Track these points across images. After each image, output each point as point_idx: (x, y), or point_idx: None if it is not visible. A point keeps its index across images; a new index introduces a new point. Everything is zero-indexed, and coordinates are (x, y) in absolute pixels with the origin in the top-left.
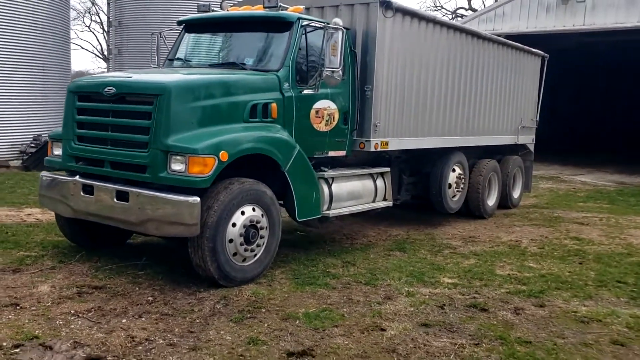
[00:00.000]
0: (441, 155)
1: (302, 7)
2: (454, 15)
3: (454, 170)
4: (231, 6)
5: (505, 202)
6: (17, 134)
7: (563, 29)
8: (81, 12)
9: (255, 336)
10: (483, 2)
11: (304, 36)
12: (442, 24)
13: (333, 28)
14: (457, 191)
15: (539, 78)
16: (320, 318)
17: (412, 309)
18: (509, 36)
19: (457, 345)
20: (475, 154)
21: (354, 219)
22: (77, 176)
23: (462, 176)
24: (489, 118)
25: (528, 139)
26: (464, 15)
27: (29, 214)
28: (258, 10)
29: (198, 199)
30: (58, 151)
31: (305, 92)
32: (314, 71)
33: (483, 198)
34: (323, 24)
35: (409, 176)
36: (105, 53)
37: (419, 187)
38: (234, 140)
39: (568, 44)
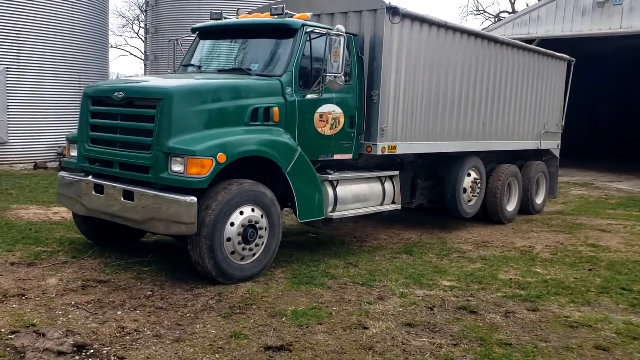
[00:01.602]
0: (456, 160)
1: (309, 14)
2: (496, 19)
3: (469, 175)
4: (246, 14)
5: (527, 207)
6: (55, 137)
7: (599, 32)
8: (130, 20)
9: (239, 330)
10: (527, 5)
11: (308, 42)
12: (454, 29)
13: (335, 34)
14: (473, 196)
15: (565, 82)
16: (307, 315)
17: (400, 309)
18: (543, 40)
19: (435, 345)
20: (495, 159)
21: (368, 221)
22: (90, 176)
23: (477, 181)
24: (508, 123)
25: (552, 144)
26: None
27: (56, 212)
28: (265, 17)
29: (195, 198)
30: (74, 152)
31: (309, 96)
32: (318, 76)
33: (501, 203)
34: (325, 31)
35: (425, 180)
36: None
37: (434, 191)
38: (233, 142)
39: (606, 47)
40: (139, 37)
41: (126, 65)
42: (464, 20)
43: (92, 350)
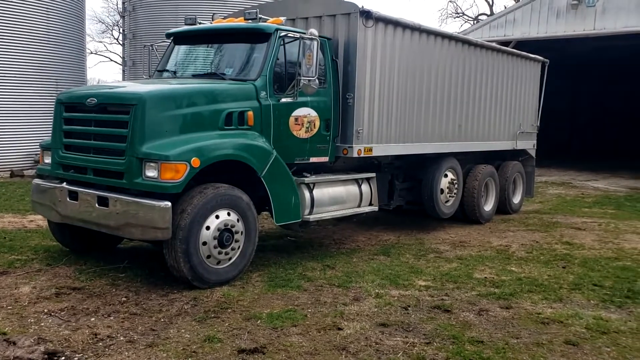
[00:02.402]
0: (433, 161)
1: (282, 18)
2: (475, 22)
3: (446, 176)
4: (221, 19)
5: (504, 207)
6: (32, 144)
7: (574, 34)
8: (110, 25)
9: (213, 334)
10: (505, 7)
11: (282, 47)
12: (428, 32)
13: (308, 38)
14: (450, 196)
15: (540, 83)
16: (281, 318)
17: (376, 309)
18: (520, 42)
19: (408, 344)
20: (472, 160)
21: (346, 224)
22: (64, 183)
23: (455, 181)
24: (484, 124)
25: (528, 145)
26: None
27: (32, 221)
28: (240, 22)
29: (169, 203)
30: (48, 159)
31: (284, 100)
32: (292, 80)
33: (479, 203)
34: (299, 35)
35: (402, 182)
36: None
37: (412, 193)
38: (207, 147)
39: (583, 48)
40: (119, 43)
41: (106, 71)
42: (443, 23)
43: (63, 358)
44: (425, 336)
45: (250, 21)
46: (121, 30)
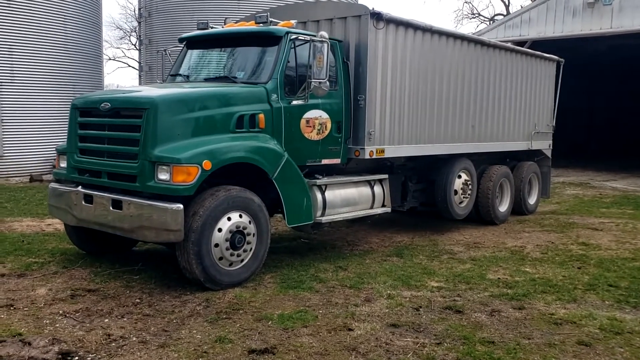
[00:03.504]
0: (446, 162)
1: (293, 21)
2: (490, 22)
3: (459, 177)
4: (235, 23)
5: (519, 208)
6: (51, 149)
7: (590, 33)
8: (127, 32)
9: (225, 335)
10: (521, 7)
11: (292, 49)
12: (440, 33)
13: (319, 41)
14: (464, 197)
15: (555, 83)
16: (293, 319)
17: (387, 310)
18: (535, 42)
19: (419, 345)
20: (486, 160)
21: (360, 225)
22: (80, 187)
23: (468, 182)
24: (498, 124)
25: (544, 145)
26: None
27: (49, 224)
28: (250, 26)
29: (181, 206)
30: (64, 163)
31: (295, 102)
32: (303, 82)
33: (493, 204)
34: (309, 37)
35: (416, 183)
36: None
37: (426, 194)
38: (218, 149)
39: (599, 47)
40: (136, 49)
41: (124, 77)
42: (459, 24)
43: (76, 358)
44: (436, 337)
45: (261, 25)
46: (138, 36)
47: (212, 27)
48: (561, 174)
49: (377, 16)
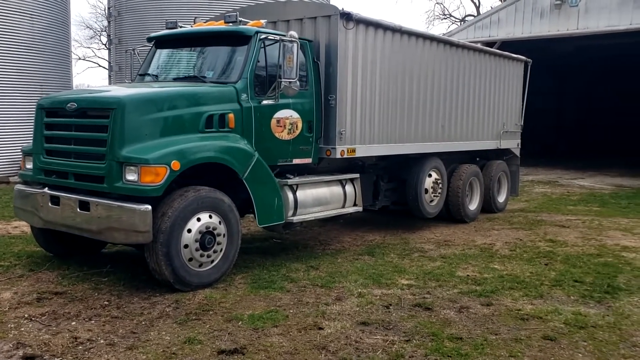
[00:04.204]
0: (417, 161)
1: (263, 21)
2: (461, 23)
3: (430, 176)
4: (204, 22)
5: (489, 206)
6: (18, 151)
7: (557, 34)
8: (97, 31)
9: (194, 336)
10: (491, 8)
11: (262, 49)
12: (409, 33)
13: (288, 40)
14: (435, 196)
15: (523, 83)
16: (263, 319)
17: (357, 309)
18: (505, 42)
19: (388, 342)
20: (456, 159)
21: (333, 225)
22: (46, 188)
23: (439, 181)
24: (467, 124)
25: (512, 144)
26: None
27: (16, 227)
28: (220, 25)
29: (149, 207)
30: (30, 165)
31: (265, 102)
32: (273, 82)
33: (463, 202)
34: (279, 37)
35: (387, 182)
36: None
37: (397, 193)
38: (186, 149)
39: (567, 48)
40: (107, 48)
41: (95, 77)
42: (430, 25)
43: None
44: (405, 334)
45: (230, 24)
46: (107, 36)
47: (181, 27)
48: (530, 173)
49: (346, 16)
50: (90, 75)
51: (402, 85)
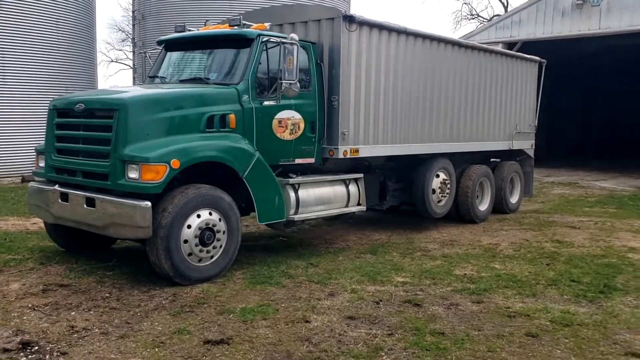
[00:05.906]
0: (424, 162)
1: (267, 24)
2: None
3: (437, 176)
4: (212, 25)
5: (501, 207)
6: None
7: (579, 34)
8: (129, 33)
9: (184, 327)
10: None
11: (264, 51)
12: (415, 35)
13: (289, 43)
14: (442, 196)
15: (537, 84)
16: (253, 312)
17: (347, 304)
18: (526, 43)
19: (370, 335)
20: (467, 160)
21: (341, 224)
22: (57, 185)
23: (447, 181)
24: (477, 125)
25: (525, 145)
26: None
27: (34, 223)
28: (224, 28)
29: (149, 203)
30: (42, 163)
31: (266, 103)
32: (274, 84)
33: (472, 203)
34: (280, 39)
35: (395, 182)
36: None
37: (406, 193)
38: (186, 149)
39: (590, 48)
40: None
41: (126, 79)
42: (457, 25)
43: (36, 347)
44: (389, 328)
45: (234, 27)
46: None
47: (189, 30)
48: (552, 174)
49: (349, 19)
50: (122, 77)
51: (408, 86)
